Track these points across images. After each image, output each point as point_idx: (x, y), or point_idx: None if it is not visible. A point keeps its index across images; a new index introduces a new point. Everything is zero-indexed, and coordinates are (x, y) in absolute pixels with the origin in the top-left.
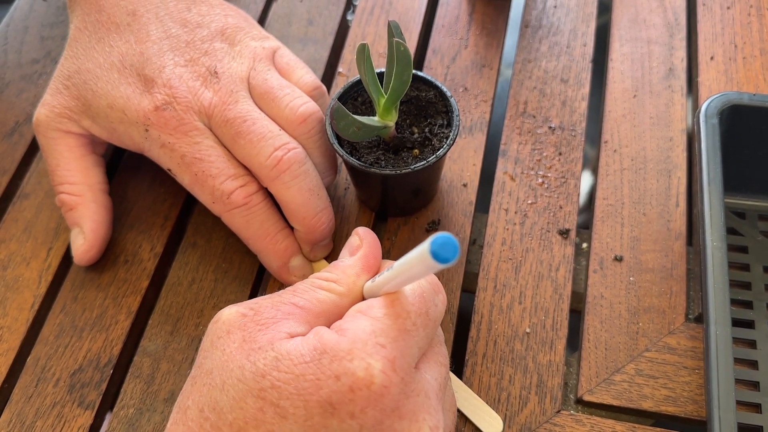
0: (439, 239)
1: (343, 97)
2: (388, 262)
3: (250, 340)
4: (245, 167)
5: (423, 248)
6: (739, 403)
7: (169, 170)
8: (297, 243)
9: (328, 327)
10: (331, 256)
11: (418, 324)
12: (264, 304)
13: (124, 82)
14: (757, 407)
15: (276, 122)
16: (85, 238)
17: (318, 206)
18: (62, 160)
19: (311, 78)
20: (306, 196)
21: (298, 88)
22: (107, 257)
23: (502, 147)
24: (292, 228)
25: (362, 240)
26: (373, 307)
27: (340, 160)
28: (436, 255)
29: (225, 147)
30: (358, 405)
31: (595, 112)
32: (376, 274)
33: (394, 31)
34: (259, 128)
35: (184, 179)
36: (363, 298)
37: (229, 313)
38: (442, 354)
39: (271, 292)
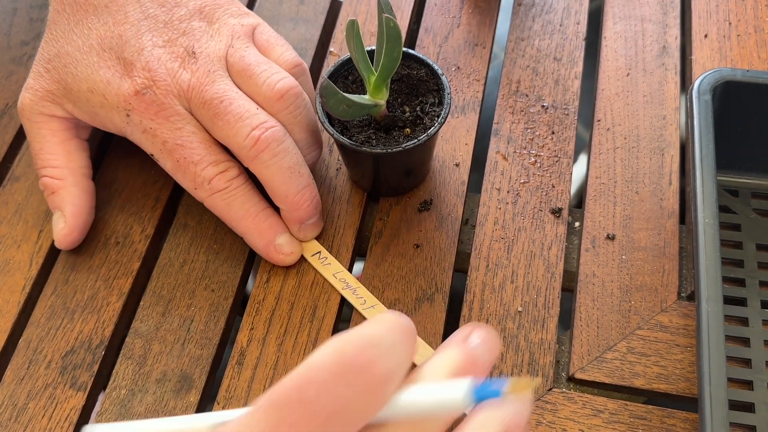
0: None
1: (333, 76)
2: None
3: None
4: (227, 150)
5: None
6: (730, 380)
7: (152, 155)
8: (282, 222)
9: None
10: (322, 236)
11: (295, 417)
12: None
13: (104, 65)
14: (748, 384)
15: (254, 99)
16: (66, 222)
17: (300, 184)
18: (45, 144)
19: (292, 55)
20: (286, 174)
21: (278, 65)
22: (98, 239)
23: (494, 126)
24: (277, 208)
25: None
26: None
27: (326, 136)
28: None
29: (206, 130)
30: None
31: (589, 91)
32: None
33: (384, 7)
34: (236, 108)
35: (167, 165)
36: None
37: None
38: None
39: (263, 272)
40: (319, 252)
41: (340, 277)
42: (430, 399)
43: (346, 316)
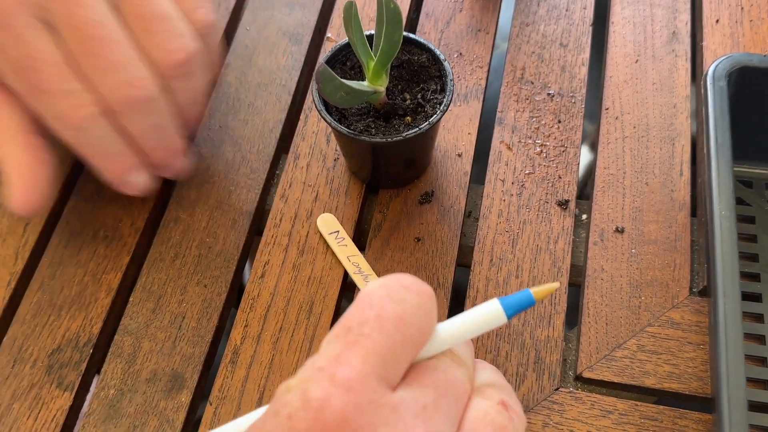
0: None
1: (331, 61)
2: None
3: None
4: (87, 78)
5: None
6: (748, 380)
7: (2, 79)
8: (136, 160)
9: None
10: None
11: (366, 331)
12: None
13: None
14: (765, 384)
15: (140, 47)
16: (9, 183)
17: (164, 138)
18: None
19: (206, 11)
20: (150, 131)
21: (184, 21)
22: (86, 232)
23: (498, 115)
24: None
25: None
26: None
27: (323, 124)
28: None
29: (66, 51)
30: (297, 429)
31: (596, 79)
32: None
33: None
34: (110, 53)
35: (18, 87)
36: None
37: None
38: (440, 376)
39: (258, 267)
40: (338, 231)
41: (354, 261)
42: (470, 322)
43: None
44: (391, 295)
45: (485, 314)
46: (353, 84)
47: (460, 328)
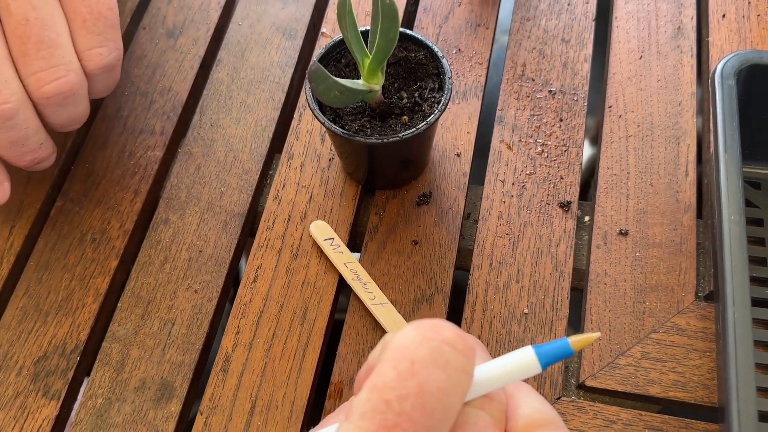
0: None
1: (324, 59)
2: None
3: None
4: None
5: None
6: (758, 389)
7: None
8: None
9: None
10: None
11: (407, 410)
12: None
13: None
14: None
15: (14, 65)
16: None
17: (23, 153)
18: None
19: (106, 52)
20: (7, 145)
21: (71, 54)
22: (73, 235)
23: (498, 113)
24: None
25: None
26: (352, 408)
27: (317, 124)
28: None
29: None
30: None
31: (598, 76)
32: None
33: None
34: None
35: None
36: None
37: None
38: (471, 429)
39: (250, 271)
40: (333, 238)
41: (351, 267)
42: (504, 371)
43: (338, 318)
44: (435, 358)
45: (518, 363)
46: (347, 83)
47: (492, 378)
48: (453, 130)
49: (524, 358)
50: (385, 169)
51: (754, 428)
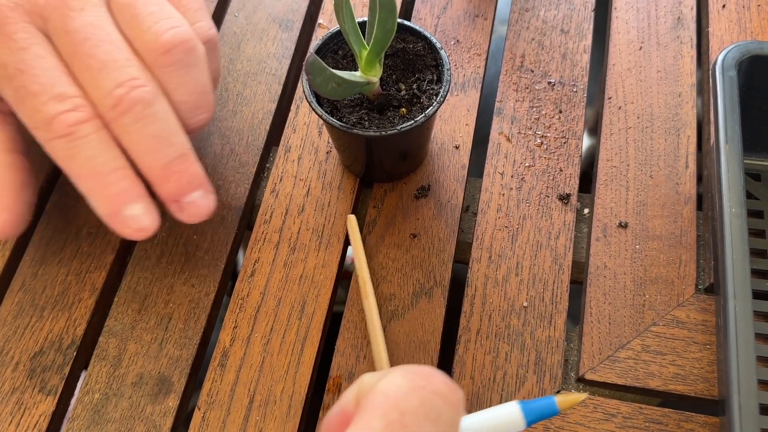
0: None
1: (321, 51)
2: None
3: None
4: (79, 83)
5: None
6: (759, 382)
7: None
8: (140, 188)
9: None
10: (312, 224)
11: None
12: None
13: None
14: None
15: (133, 45)
16: None
17: (168, 155)
18: None
19: (207, 24)
20: (151, 143)
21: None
22: (69, 230)
23: (497, 105)
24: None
25: None
26: None
27: (315, 117)
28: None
29: (60, 57)
30: None
31: (598, 67)
32: None
33: None
34: (102, 54)
35: (8, 95)
36: None
37: None
38: None
39: (247, 265)
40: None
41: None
42: (491, 423)
43: (337, 311)
44: (426, 410)
45: (504, 419)
46: (345, 75)
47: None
48: (451, 122)
49: (510, 415)
50: (383, 161)
51: (756, 421)
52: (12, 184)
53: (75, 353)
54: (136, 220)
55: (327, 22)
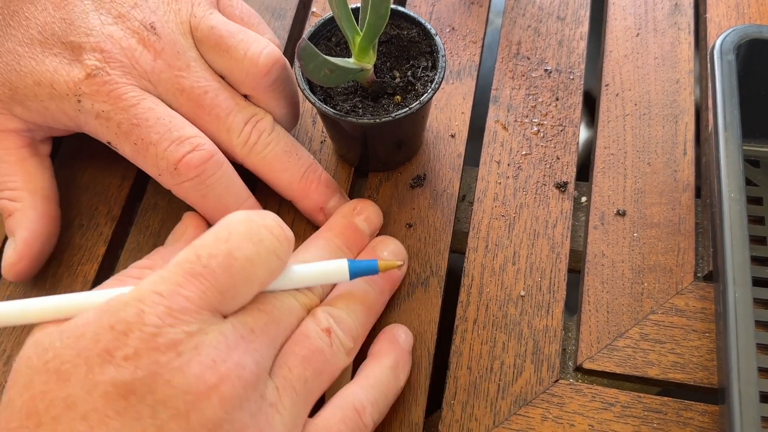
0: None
1: (314, 38)
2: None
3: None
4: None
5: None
6: (759, 370)
7: (109, 143)
8: (259, 208)
9: None
10: (301, 214)
11: (213, 266)
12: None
13: (49, 53)
14: None
15: (233, 76)
16: (15, 249)
17: (301, 166)
18: (2, 164)
19: (271, 36)
20: (284, 160)
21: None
22: (61, 222)
23: (493, 93)
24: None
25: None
26: (169, 261)
27: (309, 105)
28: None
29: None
30: (130, 347)
31: (595, 54)
32: None
33: None
34: (223, 101)
35: (126, 151)
36: None
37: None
38: (276, 304)
39: None
40: None
41: None
42: (318, 271)
43: None
44: (250, 234)
45: (332, 269)
46: (338, 61)
47: (308, 276)
48: (447, 110)
49: (338, 267)
50: (377, 150)
51: (756, 409)
52: (42, 236)
53: None
54: None
55: (320, 10)
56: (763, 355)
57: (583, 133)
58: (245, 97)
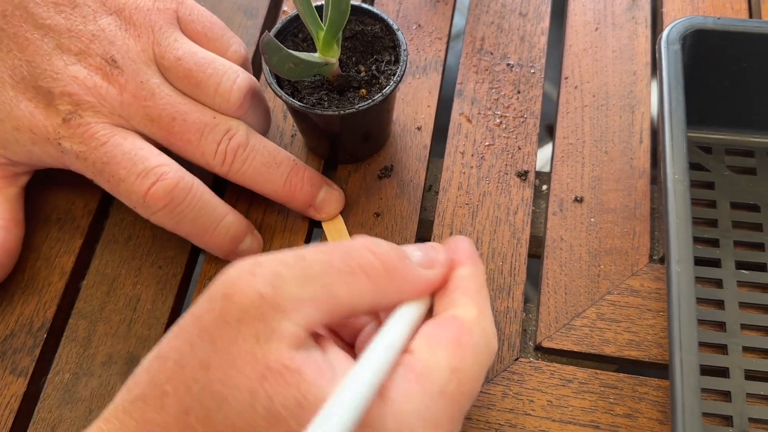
0: None
1: (282, 33)
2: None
3: (264, 339)
4: (164, 150)
5: None
6: (703, 344)
7: (92, 181)
8: (244, 224)
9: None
10: (276, 206)
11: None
12: (289, 276)
13: (23, 98)
14: (722, 348)
15: (203, 104)
16: None
17: (281, 174)
18: None
19: (237, 47)
20: (263, 171)
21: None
22: (38, 216)
23: (458, 87)
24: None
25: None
26: (429, 374)
27: (280, 101)
28: None
29: (139, 136)
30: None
31: (556, 48)
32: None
33: None
34: (192, 125)
35: (105, 188)
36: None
37: (246, 291)
38: None
39: None
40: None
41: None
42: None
43: None
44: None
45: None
46: (302, 55)
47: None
48: (413, 104)
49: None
50: (345, 143)
51: (696, 381)
52: (8, 220)
53: (45, 335)
54: (249, 251)
55: (291, 9)
56: (708, 331)
57: None
58: None
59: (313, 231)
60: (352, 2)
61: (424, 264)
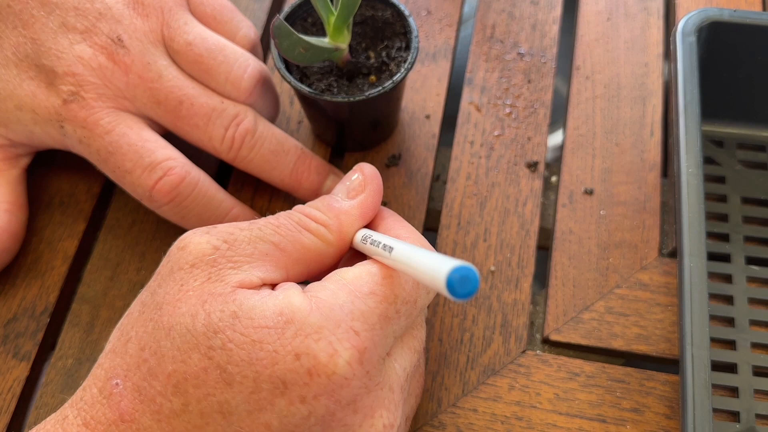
0: (460, 272)
1: (290, 17)
2: (388, 213)
3: (215, 279)
4: (169, 144)
5: (439, 274)
6: (712, 340)
7: (96, 166)
8: (249, 217)
9: (306, 276)
10: (281, 195)
11: (402, 312)
12: (241, 237)
13: (26, 77)
14: (731, 344)
15: (213, 89)
16: None
17: (289, 161)
18: None
19: (247, 31)
20: (271, 159)
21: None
22: (41, 199)
23: (467, 75)
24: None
25: (366, 184)
26: (359, 280)
27: (288, 86)
28: (451, 288)
29: (146, 125)
30: (311, 391)
31: (567, 37)
32: (368, 222)
33: None
34: (199, 109)
35: (109, 176)
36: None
37: (199, 242)
38: (418, 338)
39: None
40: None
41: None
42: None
43: None
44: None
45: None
46: (312, 40)
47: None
48: (423, 92)
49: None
50: (353, 130)
51: (707, 376)
52: (11, 202)
53: (48, 320)
54: None
55: None
56: (718, 327)
57: None
58: None
59: None
60: None
61: (349, 196)
